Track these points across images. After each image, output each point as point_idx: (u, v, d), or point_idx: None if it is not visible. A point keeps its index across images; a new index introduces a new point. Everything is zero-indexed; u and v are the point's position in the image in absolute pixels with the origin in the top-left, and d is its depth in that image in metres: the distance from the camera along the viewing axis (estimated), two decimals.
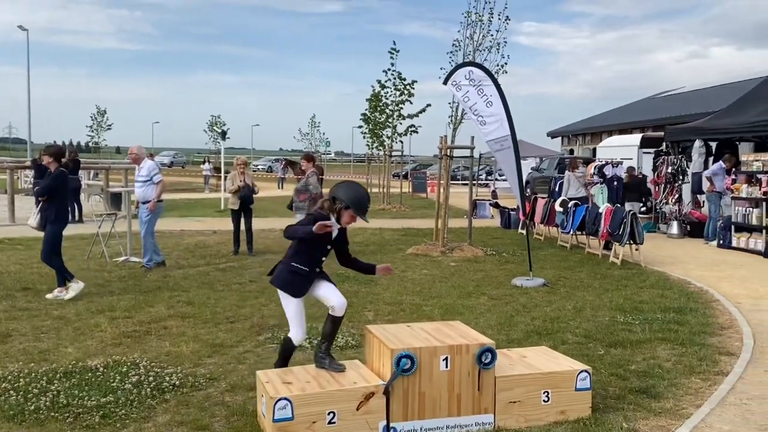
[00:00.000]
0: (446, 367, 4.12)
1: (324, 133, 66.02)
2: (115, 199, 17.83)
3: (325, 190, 18.86)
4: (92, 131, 63.73)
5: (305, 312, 4.68)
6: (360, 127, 25.45)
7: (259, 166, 61.13)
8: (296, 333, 4.56)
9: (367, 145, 26.40)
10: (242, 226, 11.47)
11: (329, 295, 4.53)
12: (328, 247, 4.57)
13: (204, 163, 35.06)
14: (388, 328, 4.54)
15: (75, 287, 7.79)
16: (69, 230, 10.23)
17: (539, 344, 5.62)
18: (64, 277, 7.82)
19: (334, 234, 4.51)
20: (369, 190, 34.03)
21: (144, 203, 9.67)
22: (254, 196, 11.64)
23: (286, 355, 4.65)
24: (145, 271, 9.54)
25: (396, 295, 8.16)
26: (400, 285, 8.87)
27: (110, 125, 64.18)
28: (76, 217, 16.44)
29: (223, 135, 23.63)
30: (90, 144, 67.52)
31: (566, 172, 16.37)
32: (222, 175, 20.98)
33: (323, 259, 4.60)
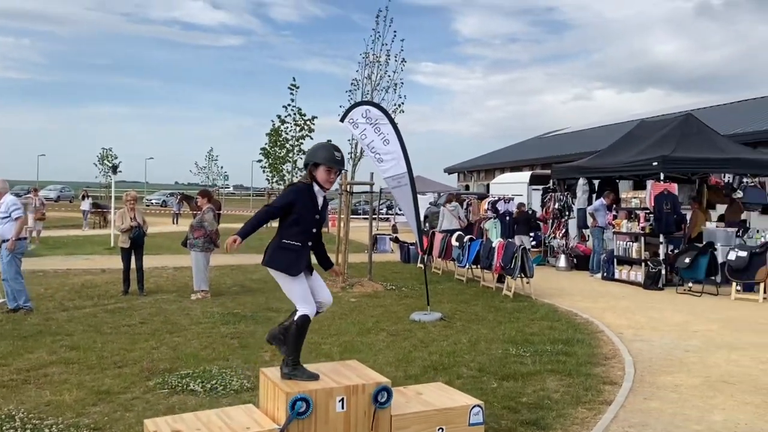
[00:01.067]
0: (342, 408, 4.10)
1: (222, 167, 64.63)
2: None
3: (225, 226, 18.35)
4: None
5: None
6: (260, 161, 25.28)
7: (153, 201, 59.00)
8: (304, 308, 4.35)
9: (267, 179, 26.21)
10: (133, 265, 11.02)
11: (318, 290, 4.40)
12: (317, 216, 4.42)
13: (83, 198, 32.40)
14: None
15: None
16: None
17: (436, 379, 5.70)
18: None
19: (319, 200, 4.42)
20: (269, 225, 33.89)
21: (3, 242, 9.07)
22: (146, 235, 11.25)
23: (302, 333, 4.40)
24: (25, 314, 8.95)
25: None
26: None
27: None
28: None
29: (114, 169, 22.74)
30: None
31: (441, 207, 16.94)
32: (112, 210, 20.11)
33: (314, 231, 4.43)
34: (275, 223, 4.53)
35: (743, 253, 11.39)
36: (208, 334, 7.92)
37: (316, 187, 4.43)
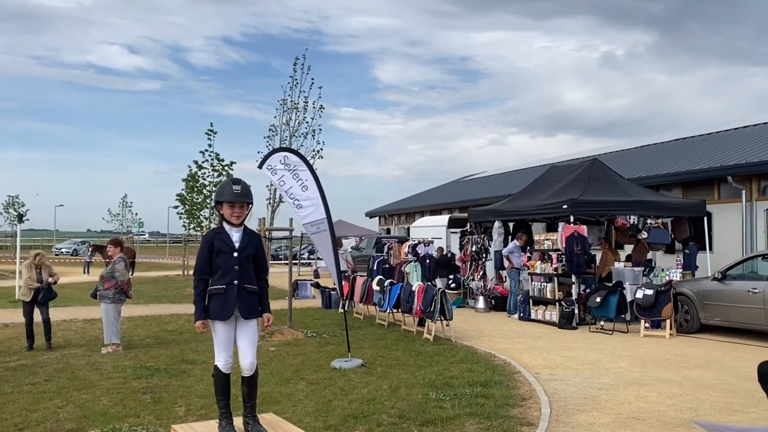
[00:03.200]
0: None
1: (137, 214, 62.49)
2: None
3: (140, 274, 17.73)
4: None
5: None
6: (176, 207, 24.71)
7: (63, 250, 56.45)
8: (219, 358, 4.35)
9: (184, 225, 25.62)
10: (38, 318, 10.45)
11: (241, 352, 4.40)
12: (235, 254, 4.35)
13: None
14: (195, 427, 4.34)
15: None
16: None
17: (356, 428, 5.65)
18: None
19: (234, 237, 4.37)
20: (186, 273, 32.26)
21: None
22: (54, 284, 10.74)
23: (219, 387, 4.36)
24: None
25: (209, 387, 7.76)
26: None
27: None
28: None
29: (20, 218, 21.67)
30: None
31: None
32: (17, 260, 19.09)
33: (236, 268, 4.35)
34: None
35: (650, 292, 11.94)
36: (119, 390, 7.57)
37: (227, 226, 4.46)
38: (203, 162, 22.00)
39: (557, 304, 13.21)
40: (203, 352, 10.08)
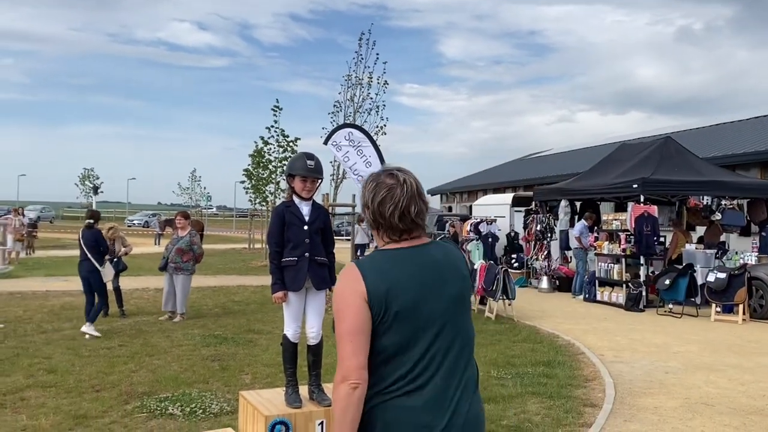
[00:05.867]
0: (322, 431, 4.08)
1: (205, 188, 64.06)
2: None
3: (208, 246, 18.04)
4: None
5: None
6: (243, 182, 25.22)
7: (135, 222, 58.61)
8: (288, 327, 4.55)
9: (250, 200, 26.16)
10: (111, 286, 10.90)
11: (308, 322, 4.54)
12: (305, 227, 4.49)
13: (8, 214, 24.24)
14: (262, 393, 4.46)
15: None
16: None
17: None
18: None
19: (304, 211, 4.49)
20: (251, 246, 33.00)
21: None
22: (126, 255, 11.22)
23: (288, 356, 4.55)
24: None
25: (275, 356, 7.98)
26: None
27: None
28: None
29: (95, 190, 22.60)
30: None
31: (355, 225, 17.24)
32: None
33: (307, 241, 4.46)
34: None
35: (722, 275, 11.51)
36: (189, 357, 7.85)
37: (297, 200, 4.52)
38: (269, 138, 22.34)
39: (624, 285, 12.91)
40: (269, 322, 10.33)
